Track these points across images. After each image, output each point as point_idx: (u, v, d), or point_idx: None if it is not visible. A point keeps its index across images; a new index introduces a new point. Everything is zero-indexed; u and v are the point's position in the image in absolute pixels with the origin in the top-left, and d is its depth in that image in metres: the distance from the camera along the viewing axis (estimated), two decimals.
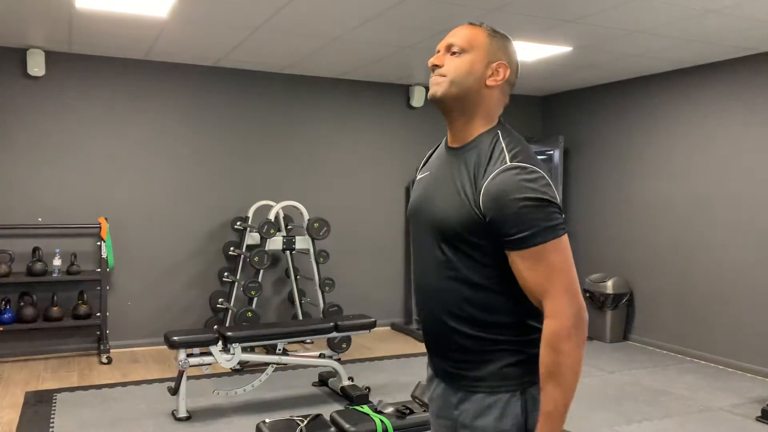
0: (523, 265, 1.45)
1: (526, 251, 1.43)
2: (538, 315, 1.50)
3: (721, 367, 5.46)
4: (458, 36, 1.58)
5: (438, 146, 1.74)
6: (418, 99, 6.73)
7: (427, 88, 6.69)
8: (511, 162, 1.46)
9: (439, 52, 1.61)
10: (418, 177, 1.73)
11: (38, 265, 5.20)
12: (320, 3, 4.03)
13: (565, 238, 1.46)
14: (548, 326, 1.43)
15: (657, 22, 4.32)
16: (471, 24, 1.61)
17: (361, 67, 5.93)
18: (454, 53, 1.57)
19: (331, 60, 5.65)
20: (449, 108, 1.59)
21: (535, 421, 1.51)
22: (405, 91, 6.80)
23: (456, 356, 1.57)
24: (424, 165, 1.76)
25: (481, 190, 1.46)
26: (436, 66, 1.58)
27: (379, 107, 6.72)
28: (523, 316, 1.51)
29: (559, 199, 1.49)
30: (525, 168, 1.46)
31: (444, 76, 1.56)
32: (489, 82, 1.56)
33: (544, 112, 7.49)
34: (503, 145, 1.51)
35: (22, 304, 5.24)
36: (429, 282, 1.61)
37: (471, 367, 1.55)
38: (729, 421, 4.22)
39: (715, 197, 5.56)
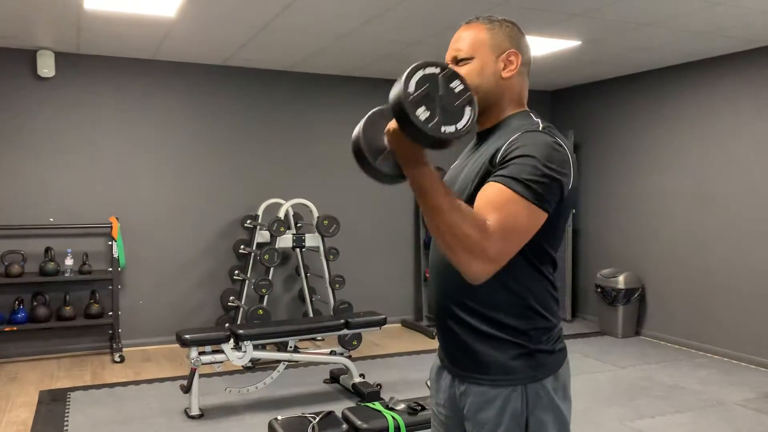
0: (494, 193, 1.39)
1: (504, 189, 1.38)
2: (542, 299, 1.52)
3: (734, 361, 5.43)
4: (459, 43, 1.60)
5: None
6: None
7: None
8: (541, 131, 1.48)
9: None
10: (452, 166, 1.74)
11: (50, 265, 5.23)
12: (326, 1, 4.03)
13: (540, 213, 1.40)
14: (486, 220, 1.36)
15: (666, 14, 4.29)
16: (468, 23, 1.62)
17: (369, 64, 5.92)
18: (461, 62, 1.58)
19: (339, 57, 5.65)
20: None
21: (535, 419, 1.51)
22: None
23: (462, 343, 1.57)
24: (459, 156, 1.78)
25: (504, 146, 1.46)
26: None
27: (387, 104, 6.70)
28: (527, 295, 1.50)
29: (565, 190, 1.45)
30: (555, 139, 1.47)
31: None
32: (505, 75, 1.58)
33: (554, 106, 7.46)
34: (538, 121, 1.54)
35: (35, 303, 5.27)
36: (441, 264, 1.61)
37: (475, 357, 1.55)
38: (742, 416, 4.19)
39: (727, 190, 5.51)
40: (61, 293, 5.38)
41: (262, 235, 5.85)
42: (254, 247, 5.84)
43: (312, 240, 5.81)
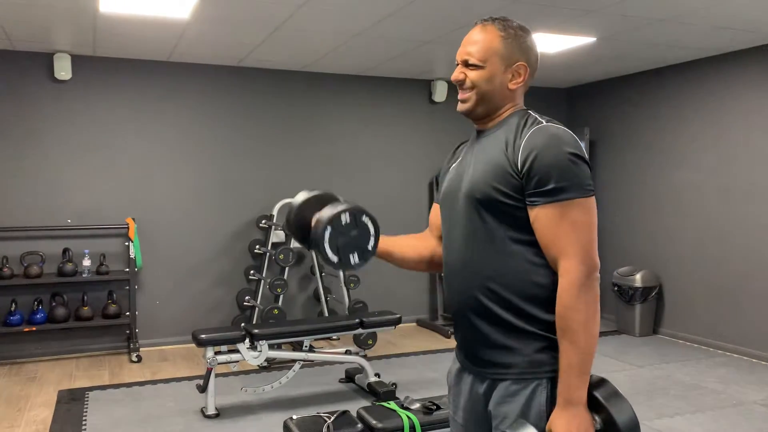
0: (546, 219, 1.47)
1: (554, 204, 1.46)
2: None
3: (754, 360, 5.35)
4: (473, 48, 1.61)
5: (466, 141, 1.77)
6: (440, 94, 6.69)
7: (448, 83, 6.65)
8: (548, 124, 1.53)
9: (458, 64, 1.64)
10: (449, 167, 1.76)
11: (68, 266, 5.29)
12: (339, 1, 4.02)
13: (592, 200, 1.49)
14: (560, 285, 1.46)
15: (683, 9, 4.24)
16: (483, 24, 1.62)
17: (382, 63, 5.92)
18: (471, 67, 1.61)
19: (353, 57, 5.65)
20: (479, 116, 1.65)
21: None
22: (427, 86, 6.77)
23: (487, 333, 1.56)
24: (453, 156, 1.79)
25: (519, 147, 1.50)
26: (460, 81, 1.64)
27: (401, 103, 6.70)
28: (554, 290, 1.50)
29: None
30: (561, 128, 1.53)
31: (470, 90, 1.61)
32: (511, 86, 1.61)
33: (569, 103, 7.40)
34: (536, 116, 1.58)
35: (53, 304, 5.33)
36: (460, 258, 1.61)
37: (500, 348, 1.54)
38: (763, 416, 4.13)
39: (746, 187, 5.44)
40: (79, 294, 5.44)
41: (277, 235, 5.86)
42: (269, 247, 5.86)
43: None
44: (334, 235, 1.61)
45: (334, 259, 1.63)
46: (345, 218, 1.63)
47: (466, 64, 1.61)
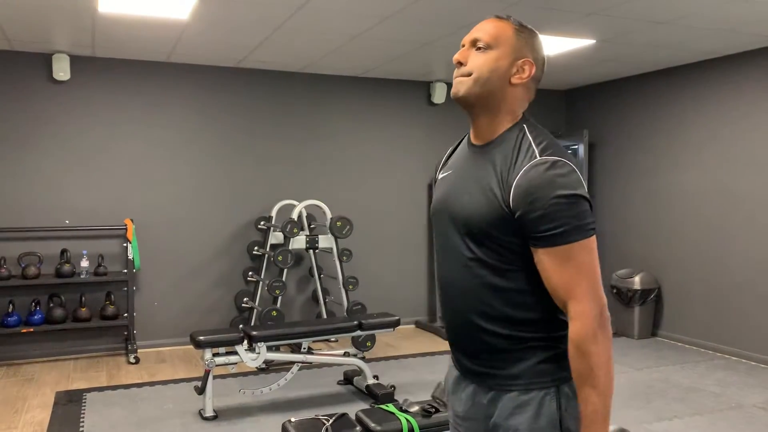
0: (549, 263, 1.42)
1: (555, 249, 1.41)
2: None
3: (753, 363, 5.35)
4: (484, 30, 1.54)
5: (458, 144, 1.71)
6: (439, 96, 6.69)
7: (448, 84, 6.64)
8: (540, 156, 1.43)
9: (464, 46, 1.57)
10: (440, 176, 1.70)
11: (66, 267, 5.27)
12: (339, 1, 4.02)
13: (593, 238, 1.43)
14: (573, 329, 1.41)
15: (682, 12, 4.24)
16: (497, 17, 1.57)
17: (381, 64, 5.91)
18: (479, 48, 1.53)
19: (352, 58, 5.64)
20: (472, 106, 1.56)
21: (570, 419, 1.49)
22: (426, 87, 6.76)
23: (486, 356, 1.55)
24: (444, 164, 1.72)
25: (511, 186, 1.43)
26: (460, 63, 1.55)
27: (400, 104, 6.70)
28: (552, 312, 1.49)
29: (588, 194, 1.46)
30: (555, 162, 1.42)
31: (468, 75, 1.53)
32: (514, 80, 1.53)
33: (568, 106, 7.40)
34: (530, 139, 1.48)
35: (51, 305, 5.32)
36: (456, 281, 1.58)
37: (503, 365, 1.53)
38: (761, 419, 4.13)
39: (745, 189, 5.44)
40: (77, 295, 5.42)
41: (276, 237, 5.85)
42: (268, 249, 5.85)
43: (325, 241, 5.80)
44: None
45: None
46: None
47: (474, 43, 1.54)
